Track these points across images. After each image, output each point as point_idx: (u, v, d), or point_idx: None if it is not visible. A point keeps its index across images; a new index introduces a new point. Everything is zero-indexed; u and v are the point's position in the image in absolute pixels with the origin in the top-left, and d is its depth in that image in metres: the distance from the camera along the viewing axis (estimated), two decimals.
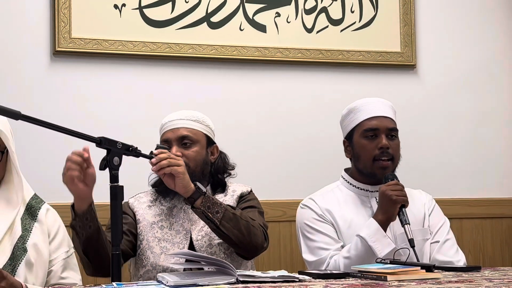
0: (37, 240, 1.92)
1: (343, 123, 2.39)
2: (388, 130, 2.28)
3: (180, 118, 2.24)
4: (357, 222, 2.24)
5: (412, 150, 3.00)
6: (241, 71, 2.95)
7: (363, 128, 2.29)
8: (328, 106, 3.03)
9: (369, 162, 2.27)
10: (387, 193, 2.13)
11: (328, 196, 2.35)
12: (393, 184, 2.16)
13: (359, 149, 2.29)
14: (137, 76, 2.83)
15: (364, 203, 2.30)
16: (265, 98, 2.99)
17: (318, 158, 3.01)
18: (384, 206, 2.14)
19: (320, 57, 3.03)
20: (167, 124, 2.25)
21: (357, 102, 2.35)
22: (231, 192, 2.26)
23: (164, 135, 2.23)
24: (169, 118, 2.26)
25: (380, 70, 3.12)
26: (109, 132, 1.92)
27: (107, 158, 1.76)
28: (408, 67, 3.15)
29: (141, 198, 2.27)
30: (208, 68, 2.91)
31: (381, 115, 2.29)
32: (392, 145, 2.27)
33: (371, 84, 3.10)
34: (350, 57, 3.07)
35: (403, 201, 2.14)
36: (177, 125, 2.22)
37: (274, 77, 3.00)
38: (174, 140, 2.19)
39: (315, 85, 3.05)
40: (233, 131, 2.90)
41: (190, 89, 2.89)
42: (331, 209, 2.29)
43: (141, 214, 2.21)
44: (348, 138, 2.35)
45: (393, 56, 3.12)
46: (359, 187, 2.33)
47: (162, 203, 2.23)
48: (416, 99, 3.17)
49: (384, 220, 2.14)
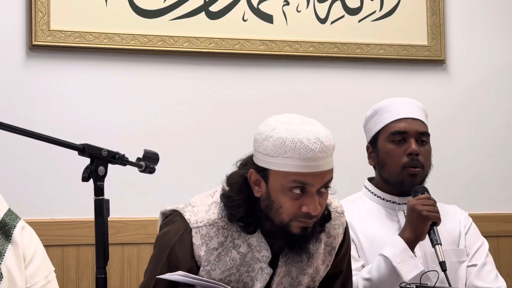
0: (10, 265, 1.89)
1: (366, 125, 2.39)
2: (419, 134, 2.28)
3: (324, 156, 1.78)
4: (381, 239, 2.22)
5: (440, 158, 2.97)
6: (244, 68, 2.93)
7: (389, 131, 2.28)
8: (345, 108, 3.01)
9: (396, 170, 2.26)
10: (417, 207, 2.12)
11: (349, 207, 2.32)
12: (424, 198, 2.15)
13: (385, 155, 2.28)
14: (125, 74, 2.80)
15: (390, 217, 2.30)
16: (271, 99, 2.97)
17: (335, 167, 2.98)
18: (413, 223, 2.13)
19: (335, 51, 3.01)
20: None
21: (384, 102, 2.35)
22: None
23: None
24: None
25: (404, 66, 3.10)
26: (93, 138, 1.91)
27: (91, 168, 1.74)
28: (436, 62, 3.13)
29: (210, 239, 1.80)
30: (206, 64, 2.89)
31: (410, 117, 2.29)
32: (423, 151, 2.27)
33: (394, 83, 3.09)
34: (370, 51, 3.05)
35: (435, 218, 2.12)
36: (318, 169, 1.75)
37: (282, 74, 2.98)
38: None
39: (329, 84, 3.03)
40: (233, 137, 2.87)
41: (186, 88, 2.87)
42: (351, 222, 2.26)
43: (207, 271, 1.79)
44: (372, 143, 2.34)
45: (419, 50, 3.10)
46: (385, 198, 2.32)
47: (235, 245, 1.81)
48: (446, 99, 3.15)
49: (412, 238, 2.12)
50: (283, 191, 1.72)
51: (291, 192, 1.71)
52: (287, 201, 1.72)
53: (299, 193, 1.71)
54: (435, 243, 2.09)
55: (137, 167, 1.95)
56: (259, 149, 1.76)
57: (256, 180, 1.77)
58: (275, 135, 1.73)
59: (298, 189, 1.71)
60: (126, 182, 2.60)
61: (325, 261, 1.89)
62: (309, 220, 1.74)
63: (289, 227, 1.74)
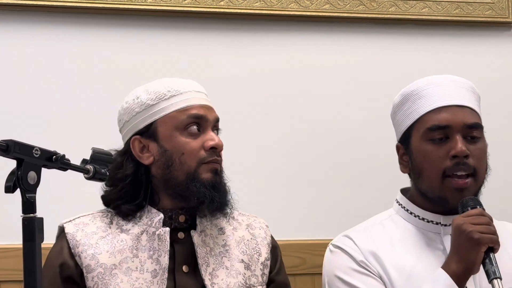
0: None
1: (395, 117, 2.40)
2: (467, 127, 2.29)
3: (202, 91, 2.33)
4: (420, 273, 2.24)
5: (503, 156, 3.03)
6: (233, 33, 2.97)
7: (426, 126, 2.30)
8: (373, 88, 3.05)
9: (437, 180, 2.27)
10: (465, 228, 2.13)
11: (375, 232, 2.36)
12: (475, 214, 2.16)
13: (421, 160, 2.30)
14: (72, 40, 2.84)
15: (432, 243, 2.32)
16: (273, 77, 3.00)
17: (359, 173, 3.03)
18: (461, 249, 2.14)
19: (360, 9, 3.04)
20: (191, 93, 2.29)
21: (417, 83, 2.36)
22: (244, 226, 2.36)
23: (192, 109, 2.26)
24: (190, 84, 2.32)
25: (458, 30, 3.15)
26: (23, 131, 1.92)
27: (18, 174, 1.76)
28: (502, 25, 3.18)
29: (86, 225, 2.25)
30: (180, 28, 2.92)
31: (455, 104, 2.30)
32: (474, 151, 2.28)
33: (443, 53, 3.12)
34: (409, 9, 3.08)
35: (491, 242, 2.13)
36: (206, 102, 2.31)
37: (286, 42, 3.02)
38: (211, 121, 2.28)
39: (351, 55, 3.07)
40: (223, 130, 2.90)
41: (152, 58, 2.91)
42: (379, 253, 2.30)
43: (91, 255, 2.19)
44: (404, 142, 2.36)
45: (478, 9, 3.14)
46: (425, 217, 2.34)
47: (122, 229, 2.25)
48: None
49: (461, 271, 2.13)
50: (180, 134, 2.21)
51: (188, 132, 2.21)
52: (187, 143, 2.20)
53: (196, 131, 2.22)
54: (492, 277, 2.08)
55: (82, 172, 1.97)
56: (131, 114, 2.25)
57: (141, 147, 2.24)
58: (146, 90, 2.26)
59: (194, 125, 2.22)
60: (68, 192, 2.64)
61: (252, 258, 2.29)
62: (217, 158, 2.23)
63: (199, 175, 2.20)
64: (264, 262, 2.31)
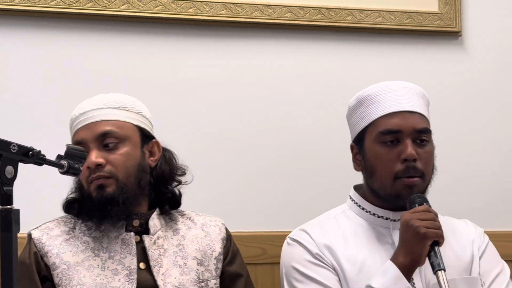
0: None
1: (350, 119, 2.41)
2: (417, 132, 2.30)
3: (97, 107, 2.27)
4: (371, 265, 2.26)
5: (450, 157, 3.05)
6: (199, 39, 2.96)
7: (378, 130, 2.31)
8: (328, 93, 3.05)
9: (388, 181, 2.28)
10: (412, 223, 2.14)
11: (329, 226, 2.37)
12: (421, 210, 2.17)
13: (373, 160, 2.31)
14: (53, 44, 2.83)
15: (382, 238, 2.33)
16: (235, 79, 3.00)
17: (315, 169, 3.05)
18: (408, 243, 2.15)
19: (318, 18, 3.05)
20: (79, 118, 2.27)
21: (371, 88, 2.36)
22: (199, 226, 2.39)
23: (77, 135, 2.26)
24: (81, 108, 2.28)
25: (408, 38, 3.15)
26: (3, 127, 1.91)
27: None
28: (449, 34, 3.19)
29: (51, 230, 2.30)
30: (148, 33, 2.92)
31: (405, 110, 2.30)
32: (423, 154, 2.28)
33: (396, 59, 3.13)
34: (364, 18, 3.10)
35: (436, 236, 2.14)
36: (94, 118, 2.26)
37: (250, 47, 3.02)
38: (91, 140, 2.23)
39: (308, 61, 3.07)
40: (184, 127, 2.92)
41: (124, 63, 2.90)
42: (332, 246, 2.31)
43: (55, 254, 2.24)
44: (358, 142, 2.37)
45: (428, 19, 3.15)
46: (376, 213, 2.35)
47: (85, 233, 2.29)
48: (461, 81, 3.20)
49: (408, 263, 2.15)
50: None
51: None
52: None
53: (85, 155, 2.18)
54: (436, 269, 2.11)
55: (57, 167, 1.97)
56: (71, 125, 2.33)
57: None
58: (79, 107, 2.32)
59: None
60: (45, 186, 2.65)
61: (206, 253, 2.32)
62: (100, 174, 2.21)
63: (90, 192, 2.24)
64: (218, 256, 2.33)
